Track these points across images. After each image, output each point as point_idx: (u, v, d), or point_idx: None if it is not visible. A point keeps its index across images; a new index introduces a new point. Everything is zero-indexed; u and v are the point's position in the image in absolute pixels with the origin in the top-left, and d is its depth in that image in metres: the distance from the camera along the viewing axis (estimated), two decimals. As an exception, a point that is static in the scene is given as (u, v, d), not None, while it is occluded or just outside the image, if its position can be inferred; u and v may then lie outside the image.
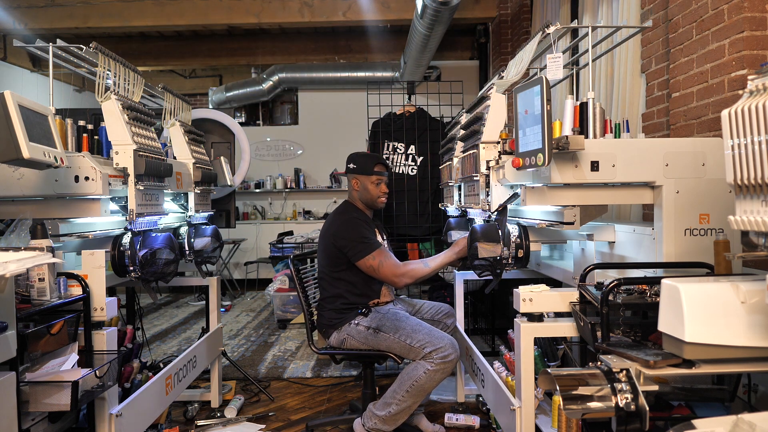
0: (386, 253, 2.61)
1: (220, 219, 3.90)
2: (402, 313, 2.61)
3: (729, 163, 1.12)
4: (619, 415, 1.28)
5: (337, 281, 2.65)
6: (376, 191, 2.74)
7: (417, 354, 2.39)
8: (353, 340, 2.58)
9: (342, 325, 2.60)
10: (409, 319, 2.54)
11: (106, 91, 2.06)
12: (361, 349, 2.58)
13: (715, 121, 2.34)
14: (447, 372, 2.38)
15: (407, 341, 2.43)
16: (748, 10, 2.14)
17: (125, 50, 6.61)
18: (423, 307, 2.86)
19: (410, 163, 4.15)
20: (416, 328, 2.46)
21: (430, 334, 2.41)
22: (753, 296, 1.26)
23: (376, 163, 2.74)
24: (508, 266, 2.09)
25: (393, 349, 2.48)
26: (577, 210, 1.87)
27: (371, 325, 2.55)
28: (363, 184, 2.74)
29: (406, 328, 2.47)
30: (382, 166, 2.75)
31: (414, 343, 2.41)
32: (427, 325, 2.52)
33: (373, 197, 2.74)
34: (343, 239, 2.59)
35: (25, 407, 1.60)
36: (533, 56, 2.06)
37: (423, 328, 2.46)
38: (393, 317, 2.54)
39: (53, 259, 1.48)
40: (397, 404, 2.40)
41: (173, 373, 2.51)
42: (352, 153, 2.82)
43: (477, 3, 5.66)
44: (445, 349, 2.36)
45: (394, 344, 2.46)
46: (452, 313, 2.87)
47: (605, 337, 1.57)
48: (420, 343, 2.39)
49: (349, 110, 7.59)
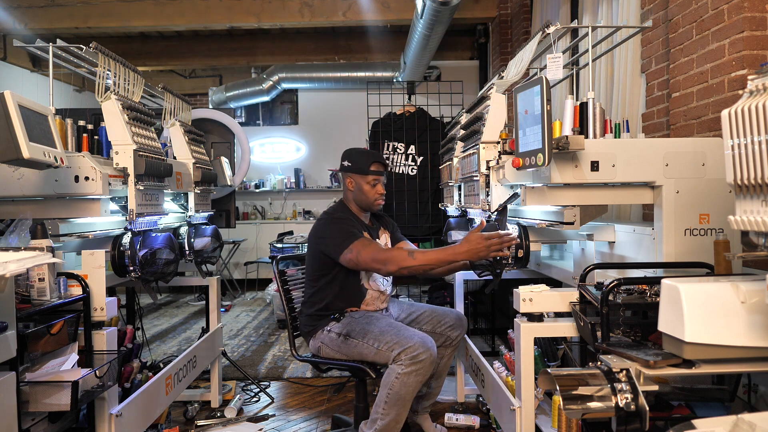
0: (367, 241, 2.32)
1: (220, 219, 3.90)
2: (376, 315, 2.38)
3: (729, 163, 1.12)
4: (619, 415, 1.28)
5: (316, 285, 2.44)
6: (372, 192, 2.47)
7: (387, 358, 2.17)
8: (327, 348, 2.38)
9: (316, 332, 2.43)
10: (380, 321, 2.30)
11: (106, 91, 2.06)
12: (335, 359, 2.37)
13: (715, 121, 2.34)
14: (423, 374, 2.13)
15: (375, 345, 2.21)
16: (748, 10, 2.14)
17: (125, 50, 6.61)
18: (422, 315, 2.54)
19: (410, 163, 4.15)
20: (385, 329, 2.23)
21: (398, 334, 2.18)
22: (753, 296, 1.26)
23: (373, 162, 2.47)
24: (508, 266, 2.08)
25: (364, 356, 2.26)
26: (577, 210, 1.87)
27: (341, 331, 2.33)
28: (358, 184, 2.48)
29: (374, 331, 2.24)
30: (379, 164, 2.49)
31: (381, 346, 2.18)
32: (399, 324, 2.28)
33: (369, 199, 2.48)
34: (323, 239, 2.38)
35: (25, 407, 1.60)
36: (533, 56, 2.06)
37: (392, 329, 2.22)
38: (364, 321, 2.32)
39: (53, 259, 1.48)
40: (381, 419, 2.17)
41: (173, 373, 2.51)
42: (348, 149, 2.57)
43: (477, 3, 5.66)
44: (415, 348, 2.11)
45: (364, 350, 2.24)
46: (459, 324, 2.51)
47: (605, 337, 1.57)
48: (387, 345, 2.17)
49: (349, 110, 7.59)
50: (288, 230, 6.93)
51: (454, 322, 2.49)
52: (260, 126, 8.17)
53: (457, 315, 2.54)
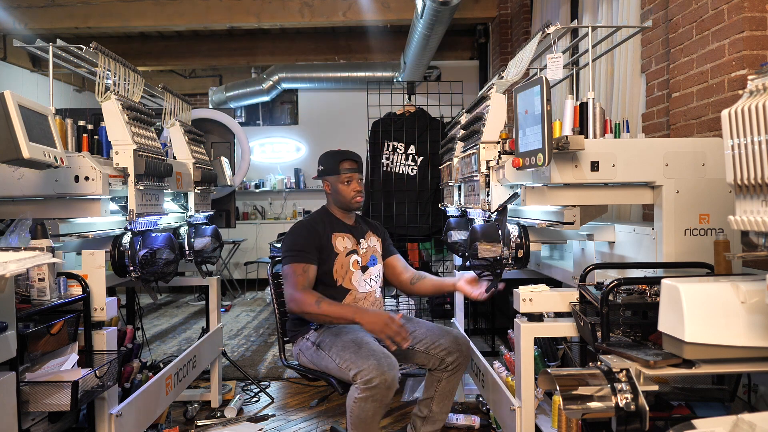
0: (300, 269, 2.23)
1: (220, 219, 3.90)
2: (352, 327, 2.22)
3: (729, 163, 1.12)
4: (619, 415, 1.28)
5: None
6: (347, 191, 2.40)
7: (347, 376, 2.02)
8: (303, 357, 2.30)
9: (297, 339, 2.36)
10: (348, 334, 2.15)
11: (106, 91, 2.06)
12: (310, 369, 2.28)
13: (715, 121, 2.34)
14: (379, 399, 1.94)
15: (336, 360, 2.07)
16: (748, 10, 2.14)
17: (125, 50, 6.61)
18: (418, 333, 2.30)
19: (410, 163, 4.15)
20: (347, 344, 2.08)
21: (356, 353, 2.02)
22: (753, 296, 1.26)
23: (342, 160, 2.40)
24: (508, 266, 2.08)
25: (330, 370, 2.13)
26: (577, 210, 1.87)
27: (315, 340, 2.24)
28: (333, 185, 2.42)
29: (338, 345, 2.11)
30: (350, 162, 2.42)
31: (341, 363, 2.04)
32: (364, 340, 2.10)
33: (347, 198, 2.41)
34: (283, 244, 2.36)
35: (25, 407, 1.60)
36: (533, 56, 2.06)
37: (354, 345, 2.07)
38: (337, 330, 2.20)
39: (53, 259, 1.48)
40: None
41: (173, 373, 2.51)
42: (321, 154, 2.52)
43: (477, 3, 5.66)
44: (368, 371, 1.93)
45: (329, 364, 2.12)
46: (455, 348, 2.24)
47: (605, 337, 1.57)
48: (345, 363, 2.02)
49: (349, 110, 7.59)
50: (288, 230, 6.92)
51: (449, 346, 2.23)
52: (260, 126, 8.17)
53: (455, 338, 2.26)
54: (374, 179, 4.18)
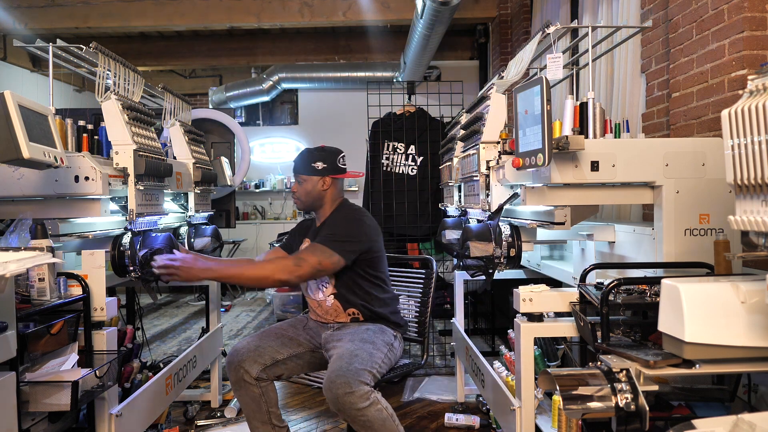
0: (272, 253, 2.43)
1: (220, 219, 3.90)
2: (278, 324, 2.38)
3: (729, 163, 1.12)
4: (619, 415, 1.28)
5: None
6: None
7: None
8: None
9: None
10: (265, 330, 2.33)
11: (106, 91, 2.06)
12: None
13: (715, 121, 2.34)
14: (240, 395, 2.21)
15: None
16: (748, 10, 2.14)
17: (125, 50, 6.61)
18: (331, 351, 2.11)
19: (410, 163, 4.16)
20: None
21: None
22: (753, 296, 1.26)
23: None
24: (500, 266, 2.07)
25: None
26: (568, 210, 1.86)
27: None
28: (327, 185, 2.35)
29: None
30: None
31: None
32: (263, 332, 2.29)
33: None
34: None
35: (25, 407, 1.60)
36: (533, 56, 2.06)
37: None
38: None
39: (53, 259, 1.48)
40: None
41: (173, 373, 2.51)
42: (317, 149, 2.41)
43: (477, 3, 5.65)
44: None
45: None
46: (327, 388, 1.87)
47: (605, 337, 1.57)
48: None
49: (349, 110, 7.58)
50: (288, 230, 6.92)
51: (323, 383, 1.91)
52: (260, 126, 8.17)
53: (329, 377, 1.88)
54: (374, 179, 4.18)
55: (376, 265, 2.28)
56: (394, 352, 2.19)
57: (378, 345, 2.10)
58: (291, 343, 2.26)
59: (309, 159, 2.31)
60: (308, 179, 2.30)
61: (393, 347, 2.19)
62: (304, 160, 2.32)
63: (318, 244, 2.16)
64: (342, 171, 2.35)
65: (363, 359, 1.97)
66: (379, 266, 2.30)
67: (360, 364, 1.93)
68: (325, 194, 2.32)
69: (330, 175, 2.30)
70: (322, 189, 2.31)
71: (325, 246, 2.14)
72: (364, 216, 2.30)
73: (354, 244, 2.18)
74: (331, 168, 2.31)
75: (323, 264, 2.11)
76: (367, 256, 2.24)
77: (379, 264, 2.30)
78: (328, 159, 2.31)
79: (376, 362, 2.01)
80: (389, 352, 2.15)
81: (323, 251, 2.12)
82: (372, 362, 1.99)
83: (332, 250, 2.13)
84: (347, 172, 2.38)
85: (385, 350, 2.12)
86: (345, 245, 2.15)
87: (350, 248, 2.16)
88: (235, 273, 2.19)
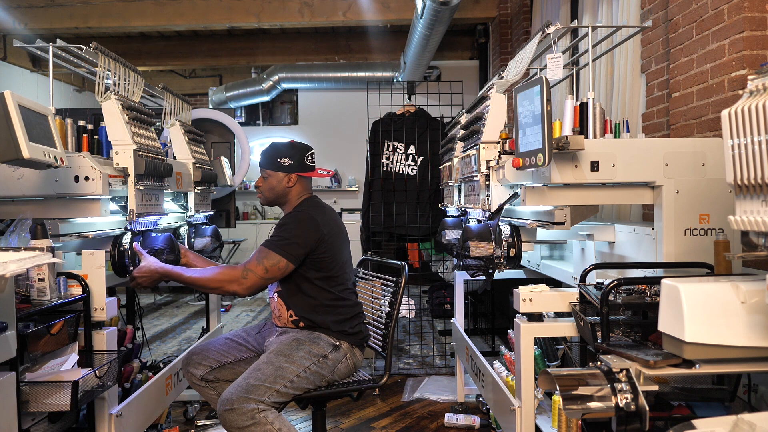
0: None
1: (220, 219, 3.89)
2: (234, 331, 2.31)
3: (729, 163, 1.12)
4: (619, 415, 1.28)
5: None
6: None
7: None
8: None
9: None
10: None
11: (106, 91, 2.06)
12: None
13: (715, 121, 2.34)
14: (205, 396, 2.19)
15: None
16: (748, 10, 2.14)
17: (125, 50, 6.62)
18: (238, 369, 2.16)
19: (410, 163, 4.16)
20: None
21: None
22: (753, 296, 1.26)
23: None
24: (500, 265, 2.07)
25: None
26: (568, 210, 1.86)
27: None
28: (293, 182, 2.28)
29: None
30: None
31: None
32: (215, 340, 2.25)
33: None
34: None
35: (25, 407, 1.60)
36: (533, 56, 2.06)
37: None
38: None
39: (53, 259, 1.48)
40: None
41: (173, 373, 2.51)
42: (280, 144, 2.35)
43: (477, 3, 5.66)
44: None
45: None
46: (219, 403, 1.91)
47: (605, 337, 1.57)
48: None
49: (349, 110, 7.58)
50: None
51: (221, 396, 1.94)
52: (260, 126, 8.17)
53: (222, 398, 1.90)
54: (374, 179, 4.18)
55: (325, 266, 2.12)
56: (328, 365, 2.06)
57: (294, 358, 1.99)
58: (239, 348, 2.21)
59: (275, 154, 2.22)
60: (273, 175, 2.22)
61: (326, 359, 2.05)
62: (270, 155, 2.23)
63: (264, 247, 2.07)
64: (309, 169, 2.24)
65: (264, 374, 1.92)
66: (330, 268, 2.14)
67: (256, 380, 1.89)
68: (289, 191, 2.23)
69: (296, 172, 2.21)
70: (287, 186, 2.22)
71: (270, 249, 2.05)
72: (318, 214, 2.16)
73: (301, 247, 2.07)
74: (297, 165, 2.21)
75: (270, 272, 2.03)
76: (314, 256, 2.10)
77: (330, 265, 2.14)
78: (296, 156, 2.21)
79: (283, 378, 1.93)
80: (316, 365, 2.02)
81: (269, 257, 2.04)
82: (276, 378, 1.92)
83: (278, 254, 2.03)
84: (315, 171, 2.28)
85: (307, 364, 2.00)
86: (291, 248, 2.05)
87: (296, 251, 2.06)
88: (190, 279, 2.08)
